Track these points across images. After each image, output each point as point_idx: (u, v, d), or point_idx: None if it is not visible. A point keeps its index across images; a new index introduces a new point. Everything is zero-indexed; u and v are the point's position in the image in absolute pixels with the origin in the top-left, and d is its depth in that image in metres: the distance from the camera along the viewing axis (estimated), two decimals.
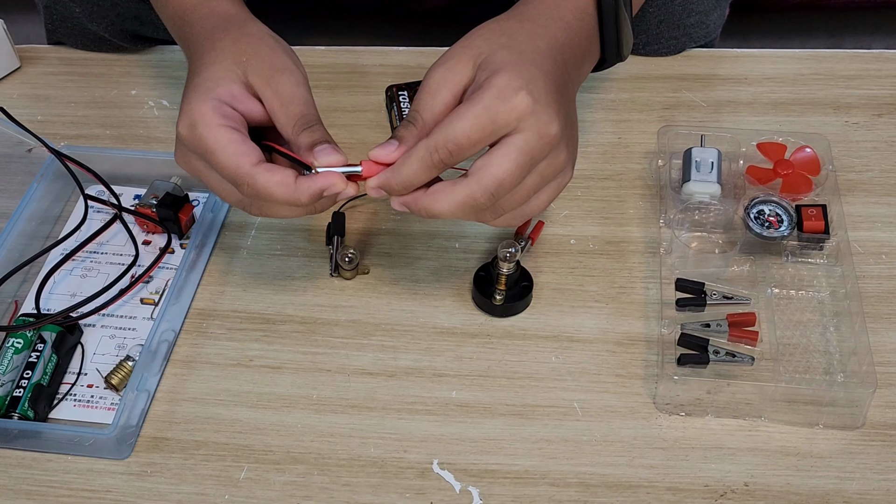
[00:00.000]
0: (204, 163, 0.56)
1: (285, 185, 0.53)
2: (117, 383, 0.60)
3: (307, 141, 0.55)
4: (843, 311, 0.62)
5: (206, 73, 0.57)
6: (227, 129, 0.54)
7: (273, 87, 0.56)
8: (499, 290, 0.63)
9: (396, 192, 0.54)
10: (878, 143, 0.73)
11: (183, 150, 0.57)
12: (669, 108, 0.77)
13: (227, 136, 0.54)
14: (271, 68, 0.57)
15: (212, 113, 0.55)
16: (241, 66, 0.57)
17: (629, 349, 0.62)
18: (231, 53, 0.58)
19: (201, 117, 0.54)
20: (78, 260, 0.68)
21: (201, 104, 0.55)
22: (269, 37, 0.60)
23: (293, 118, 0.56)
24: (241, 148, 0.54)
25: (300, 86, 0.57)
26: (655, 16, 0.78)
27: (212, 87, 0.56)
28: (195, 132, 0.54)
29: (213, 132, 0.54)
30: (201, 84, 0.56)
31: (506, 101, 0.51)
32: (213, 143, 0.54)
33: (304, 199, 0.54)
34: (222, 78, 0.56)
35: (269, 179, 0.53)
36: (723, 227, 0.67)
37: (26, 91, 0.82)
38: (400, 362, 0.62)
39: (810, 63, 0.80)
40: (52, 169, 0.70)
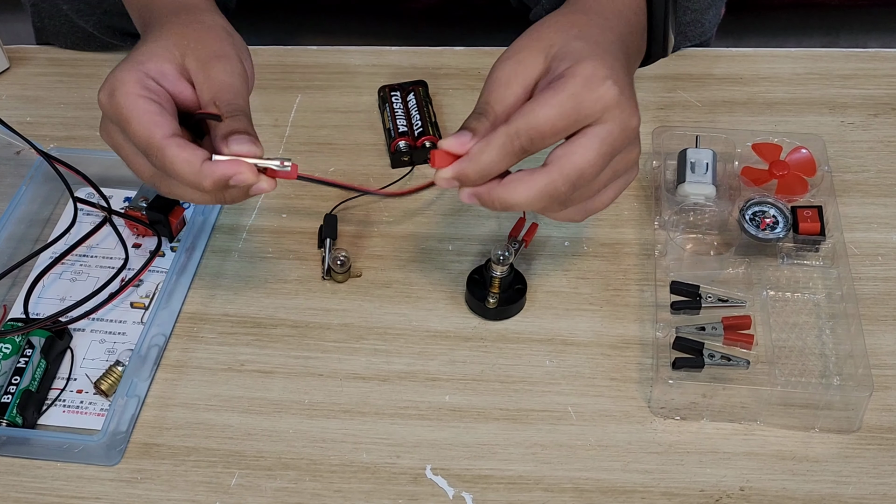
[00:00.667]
0: (121, 133, 0.55)
1: (190, 164, 0.51)
2: (107, 389, 0.60)
3: (225, 130, 0.53)
4: (839, 313, 0.61)
5: (143, 47, 0.56)
6: (146, 99, 0.53)
7: (206, 72, 0.55)
8: (492, 293, 0.63)
9: (472, 181, 0.52)
10: (875, 144, 0.73)
11: (104, 120, 0.56)
12: (664, 108, 0.76)
13: (144, 105, 0.53)
14: (210, 55, 0.56)
15: (133, 82, 0.53)
16: (181, 48, 0.56)
17: (624, 352, 0.61)
18: (174, 35, 0.57)
19: (121, 85, 0.53)
20: (67, 263, 0.67)
21: (124, 73, 0.54)
22: (220, 28, 0.59)
23: (221, 105, 0.54)
24: (156, 119, 0.53)
25: (234, 76, 0.56)
26: None
27: (142, 61, 0.55)
28: (113, 100, 0.53)
29: (131, 100, 0.53)
30: (135, 56, 0.56)
31: (592, 90, 0.50)
32: (129, 110, 0.53)
33: (206, 183, 0.52)
34: (156, 54, 0.55)
35: (176, 155, 0.51)
36: (718, 229, 0.66)
37: (15, 92, 0.81)
38: (392, 366, 0.61)
39: (806, 62, 0.79)
40: (40, 171, 0.70)
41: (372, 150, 0.74)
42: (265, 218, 0.70)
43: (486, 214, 0.69)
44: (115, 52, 0.83)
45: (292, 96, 0.79)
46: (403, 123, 0.73)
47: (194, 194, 0.54)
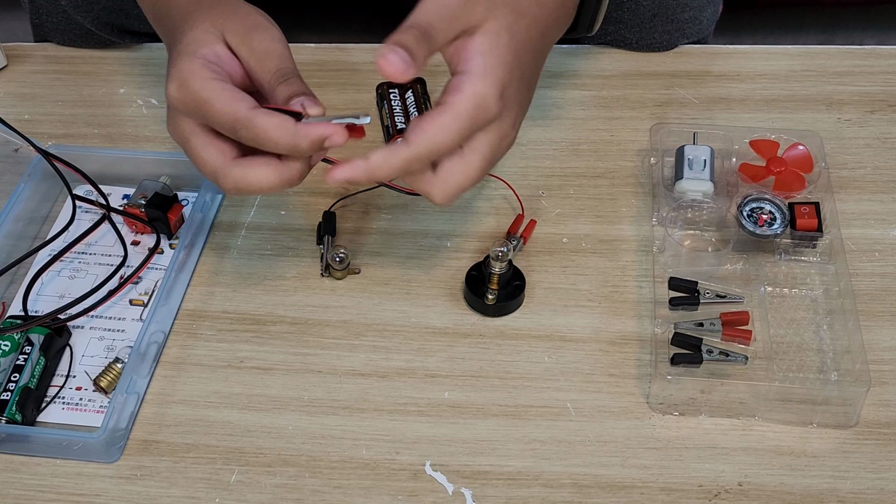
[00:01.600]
0: (196, 123, 0.55)
1: (285, 128, 0.52)
2: (106, 386, 0.60)
3: (285, 94, 0.54)
4: (837, 309, 0.62)
5: (186, 38, 0.56)
6: (219, 80, 0.54)
7: (248, 44, 0.56)
8: (491, 290, 0.63)
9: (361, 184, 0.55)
10: (871, 140, 0.73)
11: (173, 113, 0.56)
12: (662, 106, 0.76)
13: (221, 85, 0.54)
14: (246, 27, 0.57)
15: (200, 68, 0.54)
16: (218, 27, 0.57)
17: (622, 348, 0.61)
18: (207, 18, 0.57)
19: (191, 74, 0.54)
20: (66, 261, 0.67)
21: (186, 64, 0.54)
22: (242, 2, 0.59)
23: (269, 73, 0.55)
24: (237, 95, 0.53)
25: (276, 41, 0.56)
26: (649, 9, 0.77)
27: (195, 49, 0.55)
28: (187, 88, 0.54)
29: (207, 84, 0.53)
30: (185, 48, 0.56)
31: (485, 111, 0.52)
32: (208, 93, 0.53)
33: (304, 144, 0.52)
34: (204, 40, 0.56)
35: (268, 122, 0.52)
36: (716, 225, 0.66)
37: (13, 90, 0.81)
38: (392, 363, 0.61)
39: (802, 59, 0.80)
40: (39, 169, 0.70)
41: (370, 147, 0.73)
42: (264, 215, 0.70)
43: (484, 211, 0.70)
44: (113, 49, 0.83)
45: None
46: (402, 121, 0.74)
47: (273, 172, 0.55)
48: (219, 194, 0.71)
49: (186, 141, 0.56)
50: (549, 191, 0.71)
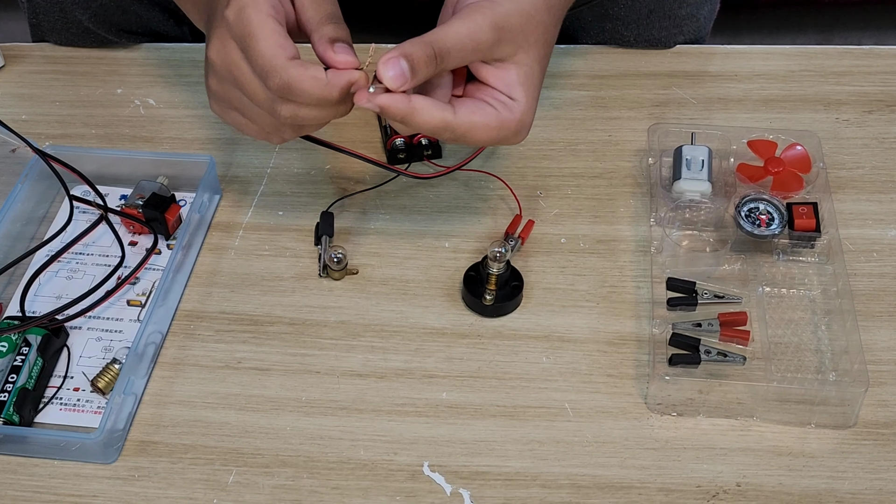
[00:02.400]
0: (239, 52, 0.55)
1: (318, 79, 0.54)
2: (104, 386, 0.60)
3: (332, 34, 0.56)
4: (835, 309, 0.62)
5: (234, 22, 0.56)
6: (274, 19, 0.54)
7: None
8: (489, 290, 0.63)
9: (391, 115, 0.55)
10: (869, 140, 0.73)
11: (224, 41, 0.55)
12: (660, 106, 0.76)
13: (273, 26, 0.54)
14: None
15: (262, 2, 0.54)
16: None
17: (620, 349, 0.61)
18: None
19: (252, 3, 0.54)
20: (63, 261, 0.67)
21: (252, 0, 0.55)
22: None
23: (323, 13, 0.56)
24: (283, 41, 0.54)
25: None
26: (646, 5, 0.77)
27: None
28: (242, 15, 0.54)
29: (262, 17, 0.54)
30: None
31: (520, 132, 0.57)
32: (258, 27, 0.54)
33: (334, 92, 0.54)
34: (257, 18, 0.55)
35: (302, 73, 0.53)
36: (714, 226, 0.66)
37: (10, 90, 0.81)
38: (390, 363, 0.61)
39: (800, 60, 0.80)
40: (36, 169, 0.70)
41: (369, 147, 0.74)
42: (261, 216, 0.70)
43: (482, 212, 0.69)
44: (111, 49, 0.83)
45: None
46: None
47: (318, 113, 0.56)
48: (216, 194, 0.71)
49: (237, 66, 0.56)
50: (547, 191, 0.71)
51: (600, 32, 0.80)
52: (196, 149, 0.75)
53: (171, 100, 0.78)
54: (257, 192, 0.72)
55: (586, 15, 0.79)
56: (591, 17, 0.79)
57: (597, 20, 0.80)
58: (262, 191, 0.72)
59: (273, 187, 0.72)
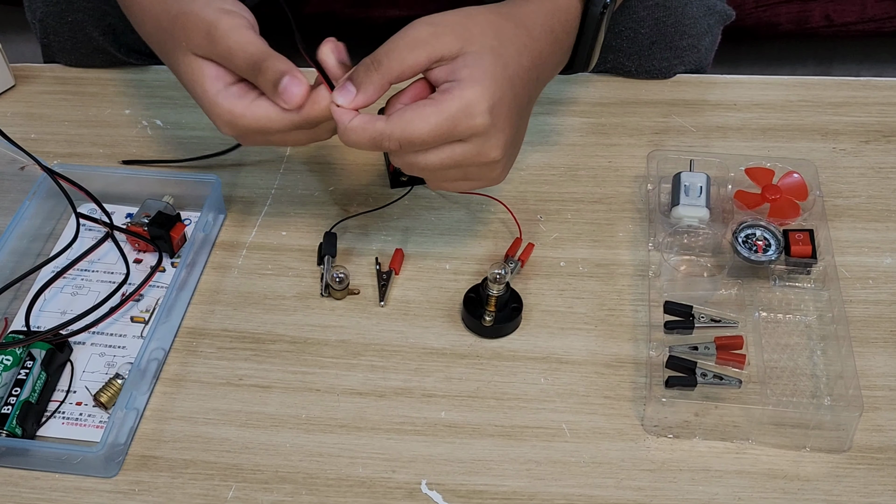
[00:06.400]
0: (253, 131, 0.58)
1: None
2: (106, 401, 0.60)
3: (269, 80, 0.56)
4: (830, 335, 0.62)
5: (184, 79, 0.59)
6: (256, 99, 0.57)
7: (213, 50, 0.57)
8: (488, 312, 0.63)
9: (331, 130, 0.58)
10: (865, 170, 0.74)
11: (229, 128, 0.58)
12: (659, 133, 0.78)
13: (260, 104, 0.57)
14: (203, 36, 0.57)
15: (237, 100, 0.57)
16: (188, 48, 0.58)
17: (618, 371, 0.62)
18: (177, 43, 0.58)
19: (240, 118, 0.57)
20: (69, 278, 0.68)
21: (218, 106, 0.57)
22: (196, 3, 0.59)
23: (242, 67, 0.57)
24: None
25: (232, 36, 0.57)
26: (648, 37, 0.79)
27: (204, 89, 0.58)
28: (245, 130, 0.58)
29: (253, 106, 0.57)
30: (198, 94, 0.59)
31: (469, 118, 0.54)
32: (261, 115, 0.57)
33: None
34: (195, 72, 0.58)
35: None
36: (711, 251, 0.67)
37: (20, 109, 0.82)
38: (389, 382, 0.62)
39: (798, 90, 0.81)
40: (44, 187, 0.71)
41: (371, 170, 0.75)
42: (265, 235, 0.71)
43: (483, 234, 0.70)
44: (120, 69, 0.85)
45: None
46: None
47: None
48: (221, 214, 0.72)
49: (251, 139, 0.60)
50: (548, 215, 0.72)
51: (602, 62, 0.81)
52: (201, 169, 0.76)
53: (178, 121, 0.80)
54: (261, 212, 0.73)
55: None
56: None
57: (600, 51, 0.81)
58: (265, 211, 0.73)
59: (277, 208, 0.73)
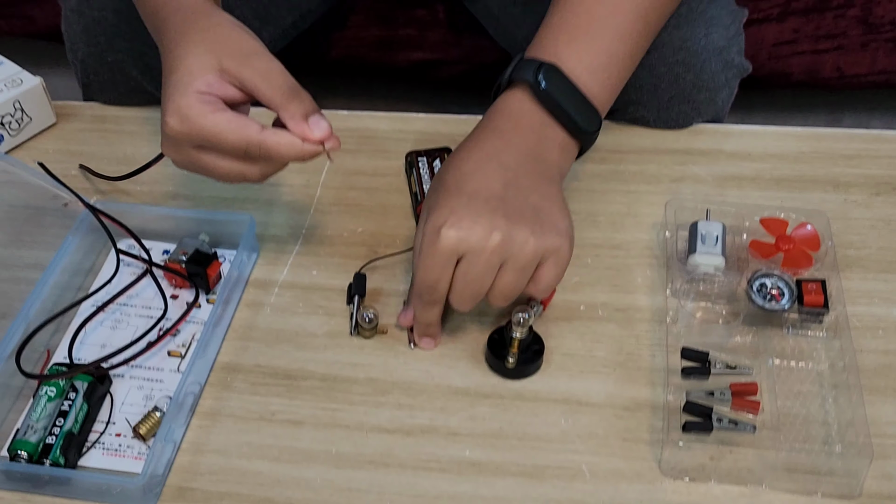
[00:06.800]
0: (200, 149, 0.61)
1: (291, 144, 0.60)
2: (145, 433, 0.63)
3: (300, 110, 0.61)
4: (842, 383, 0.65)
5: (181, 67, 0.61)
6: (219, 111, 0.60)
7: (250, 66, 0.61)
8: (511, 354, 0.66)
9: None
10: (876, 222, 0.77)
11: (172, 141, 0.62)
12: (677, 181, 0.80)
13: (223, 116, 0.60)
14: (242, 52, 0.62)
15: (198, 104, 0.60)
16: (215, 53, 0.61)
17: (636, 414, 0.64)
18: (202, 42, 0.62)
19: (189, 109, 0.59)
20: (108, 312, 0.71)
21: (183, 98, 0.60)
22: (235, 25, 0.64)
23: (278, 88, 0.61)
24: (242, 121, 0.60)
25: (273, 61, 0.62)
26: (667, 91, 0.82)
27: (189, 81, 0.60)
28: (190, 123, 0.60)
29: (210, 118, 0.59)
30: (179, 80, 0.61)
31: (433, 244, 0.61)
32: (213, 126, 0.59)
33: (308, 152, 0.61)
34: (197, 70, 0.61)
35: (278, 142, 0.60)
36: (727, 298, 0.70)
37: (61, 146, 0.85)
38: (416, 420, 0.64)
39: (811, 142, 0.83)
40: (85, 223, 0.74)
41: (399, 212, 0.78)
42: (296, 274, 0.74)
43: None
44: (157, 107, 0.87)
45: (323, 158, 0.83)
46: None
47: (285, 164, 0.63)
48: (254, 252, 0.75)
49: (194, 161, 0.62)
50: None
51: (623, 114, 0.85)
52: (235, 208, 0.79)
53: None
54: (293, 251, 0.75)
55: None
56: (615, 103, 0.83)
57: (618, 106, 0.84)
58: (297, 250, 0.75)
59: (308, 247, 0.76)
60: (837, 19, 1.05)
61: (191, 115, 0.59)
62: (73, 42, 0.86)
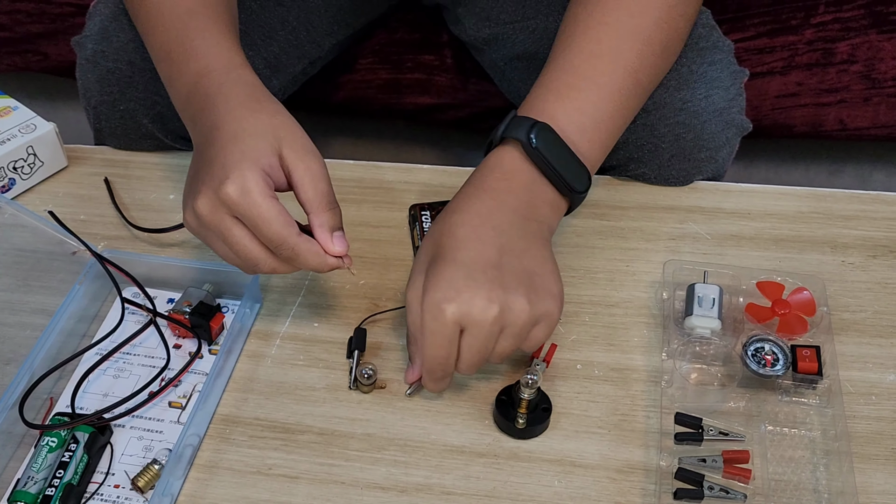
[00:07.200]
0: (236, 221, 0.62)
1: (319, 255, 0.64)
2: (143, 486, 0.64)
3: (331, 222, 0.64)
4: (833, 450, 0.65)
5: (249, 141, 0.63)
6: (275, 200, 0.62)
7: (306, 163, 0.64)
8: (521, 414, 0.66)
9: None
10: (872, 285, 0.77)
11: (215, 205, 0.62)
12: (675, 239, 0.81)
13: (277, 207, 0.62)
14: (303, 148, 0.64)
15: (263, 184, 0.62)
16: (278, 140, 0.64)
17: (629, 477, 0.65)
18: (269, 126, 0.65)
19: (256, 185, 0.61)
20: (112, 360, 0.72)
21: (252, 172, 0.61)
22: (296, 123, 0.67)
23: (321, 195, 0.64)
24: (288, 219, 0.62)
25: (325, 167, 0.65)
26: (668, 151, 0.83)
27: (258, 158, 0.62)
28: (249, 198, 0.61)
29: (267, 202, 0.61)
30: (246, 151, 0.63)
31: (437, 319, 0.62)
32: (267, 212, 0.61)
33: (326, 269, 0.65)
34: (265, 150, 0.63)
35: (308, 249, 0.63)
36: (722, 361, 0.70)
37: (71, 190, 0.87)
38: (411, 478, 0.65)
39: (810, 201, 0.84)
40: (93, 270, 0.75)
41: (400, 265, 0.79)
42: (298, 326, 0.75)
43: None
44: (166, 154, 0.89)
45: None
46: None
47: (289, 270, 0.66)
48: (257, 303, 0.76)
49: (228, 231, 0.63)
50: (566, 317, 0.75)
51: (624, 170, 0.86)
52: None
53: None
54: (295, 302, 0.76)
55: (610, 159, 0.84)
56: (615, 161, 0.85)
57: (620, 163, 0.85)
58: (299, 302, 0.77)
59: (310, 299, 0.77)
60: (841, 74, 1.06)
61: (254, 191, 0.61)
62: (86, 90, 0.87)
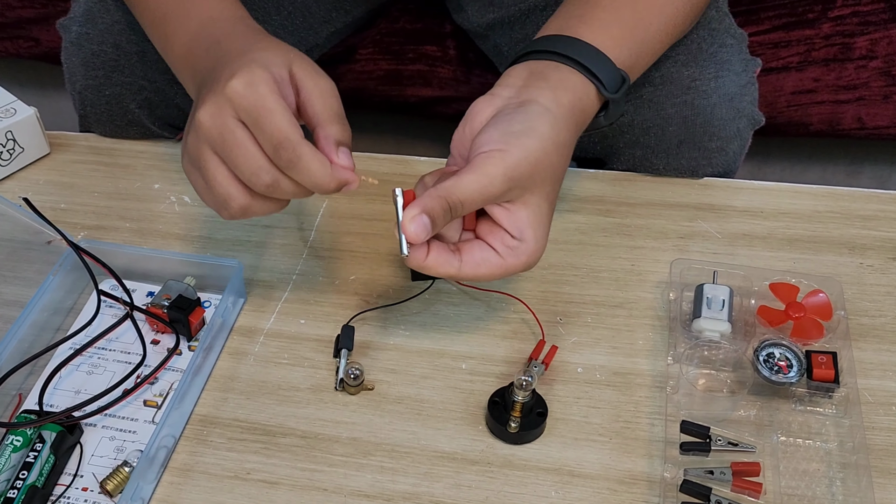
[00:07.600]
0: (239, 123, 0.57)
1: (323, 163, 0.58)
2: (112, 489, 0.60)
3: (339, 135, 0.60)
4: (851, 463, 0.61)
5: (258, 53, 0.60)
6: (282, 99, 0.58)
7: (314, 80, 0.60)
8: (514, 418, 0.62)
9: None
10: (892, 288, 0.73)
11: (220, 105, 0.58)
12: (684, 238, 0.77)
13: (284, 104, 0.57)
14: (315, 69, 0.61)
15: (271, 80, 0.58)
16: (288, 59, 0.61)
17: (631, 488, 0.61)
18: (281, 49, 0.62)
19: (262, 80, 0.57)
20: (85, 355, 0.68)
21: (259, 69, 0.58)
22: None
23: (330, 109, 0.60)
24: (294, 120, 0.57)
25: (336, 89, 0.61)
26: (676, 135, 0.79)
27: (267, 64, 0.59)
28: (255, 90, 0.57)
29: (274, 96, 0.57)
30: (257, 59, 0.59)
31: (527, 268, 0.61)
32: (274, 103, 0.57)
33: (332, 184, 0.58)
34: (276, 62, 0.60)
35: (313, 155, 0.57)
36: (732, 366, 0.66)
37: (52, 178, 0.83)
38: (398, 486, 0.61)
39: (827, 201, 0.80)
40: (69, 261, 0.71)
41: (393, 261, 0.75)
42: (283, 322, 0.71)
43: (502, 334, 0.70)
44: (152, 142, 0.86)
45: (320, 201, 0.80)
46: None
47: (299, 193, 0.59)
48: (241, 298, 0.72)
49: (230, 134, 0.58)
50: (567, 317, 0.71)
51: (630, 159, 0.82)
52: (226, 249, 0.76)
53: None
54: (281, 297, 0.73)
55: (618, 141, 0.81)
56: (622, 143, 0.81)
57: (627, 147, 0.81)
58: (286, 297, 0.73)
59: (297, 294, 0.73)
60: (859, 70, 1.02)
61: (261, 84, 0.57)
62: (71, 73, 0.84)
